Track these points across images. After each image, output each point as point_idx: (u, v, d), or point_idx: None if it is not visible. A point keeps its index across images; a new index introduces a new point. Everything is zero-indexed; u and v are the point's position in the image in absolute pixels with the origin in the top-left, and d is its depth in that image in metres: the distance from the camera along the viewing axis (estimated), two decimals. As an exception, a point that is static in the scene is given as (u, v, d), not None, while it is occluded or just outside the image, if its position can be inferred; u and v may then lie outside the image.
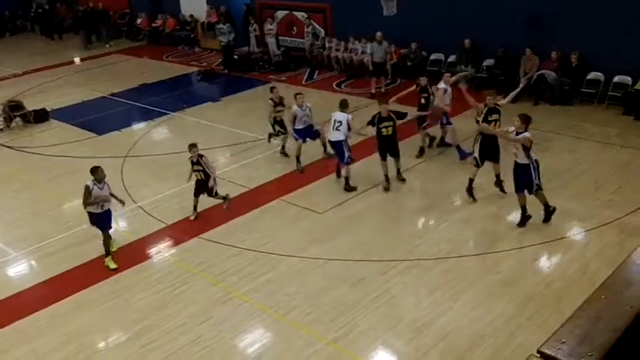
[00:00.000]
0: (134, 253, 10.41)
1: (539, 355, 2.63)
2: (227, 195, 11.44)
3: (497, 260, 9.40)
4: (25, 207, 12.54)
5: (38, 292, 9.67)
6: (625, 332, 2.70)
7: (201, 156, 11.05)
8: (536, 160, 9.90)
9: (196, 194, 11.21)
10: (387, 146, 11.87)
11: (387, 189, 11.86)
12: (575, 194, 11.22)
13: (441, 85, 12.99)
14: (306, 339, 8.02)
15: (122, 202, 10.51)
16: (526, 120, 9.97)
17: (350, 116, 11.92)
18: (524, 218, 10.26)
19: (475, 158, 11.28)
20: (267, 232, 10.79)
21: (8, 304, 9.40)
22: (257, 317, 8.56)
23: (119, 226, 11.53)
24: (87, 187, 9.87)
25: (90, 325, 8.70)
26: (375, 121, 11.70)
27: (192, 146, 11.07)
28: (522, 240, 9.87)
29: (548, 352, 2.61)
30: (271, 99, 13.52)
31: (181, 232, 11.00)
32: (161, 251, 10.53)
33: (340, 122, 11.78)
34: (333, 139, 11.92)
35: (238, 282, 9.37)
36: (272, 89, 13.89)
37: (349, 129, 11.86)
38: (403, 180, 12.18)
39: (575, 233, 10.10)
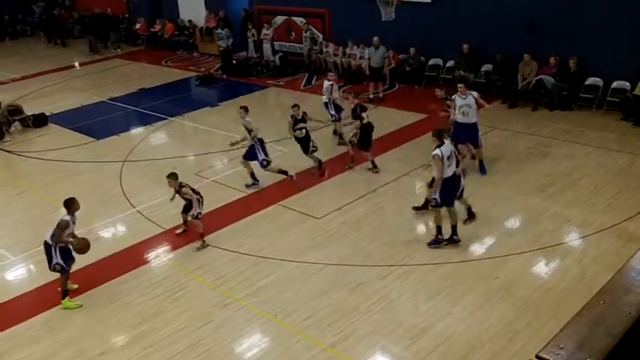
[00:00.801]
0: (132, 258, 10.40)
1: (537, 361, 2.64)
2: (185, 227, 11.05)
3: (496, 265, 9.40)
4: (24, 211, 12.54)
5: (36, 297, 9.65)
6: (623, 338, 2.71)
7: (182, 186, 10.51)
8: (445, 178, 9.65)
9: (184, 211, 10.89)
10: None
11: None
12: (573, 200, 11.23)
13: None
14: (304, 343, 8.02)
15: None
16: (436, 135, 9.76)
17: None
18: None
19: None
20: (265, 236, 10.79)
21: (5, 309, 9.38)
22: (255, 321, 8.55)
23: (118, 230, 11.54)
24: (65, 222, 9.06)
25: (88, 330, 8.68)
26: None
27: (170, 177, 10.53)
28: (521, 245, 9.87)
29: (547, 357, 2.61)
30: (292, 116, 12.81)
31: (179, 236, 10.99)
32: (159, 255, 10.52)
33: None
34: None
35: (236, 286, 9.36)
36: (293, 106, 12.93)
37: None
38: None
39: (574, 239, 10.10)
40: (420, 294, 8.88)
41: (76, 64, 25.95)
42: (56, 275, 9.30)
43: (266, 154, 12.40)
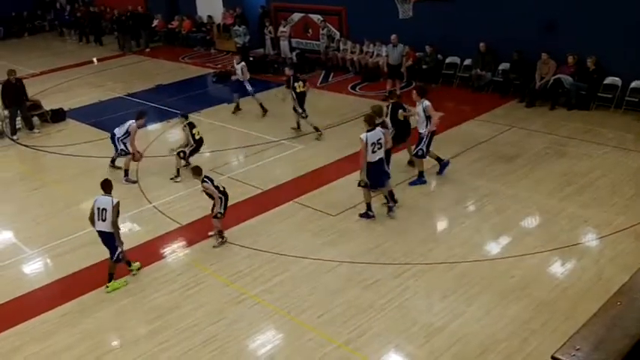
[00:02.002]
0: (148, 253, 10.47)
1: (553, 361, 2.62)
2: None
3: (512, 265, 9.35)
4: (42, 206, 12.65)
5: (52, 290, 9.76)
6: (641, 339, 2.69)
7: (203, 181, 10.39)
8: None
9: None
10: None
11: None
12: (590, 200, 11.14)
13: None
14: (318, 341, 8.02)
15: None
16: (367, 120, 10.66)
17: None
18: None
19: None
20: (280, 233, 10.80)
21: (22, 302, 9.49)
22: (270, 318, 8.57)
23: (134, 225, 11.61)
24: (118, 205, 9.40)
25: (103, 324, 8.76)
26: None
27: (191, 171, 10.73)
28: (537, 245, 9.80)
29: (563, 358, 2.60)
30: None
31: (195, 232, 11.04)
32: (175, 251, 10.57)
33: None
34: None
35: (251, 283, 9.39)
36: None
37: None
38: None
39: (591, 239, 10.02)
40: (434, 293, 8.85)
41: (94, 59, 26.13)
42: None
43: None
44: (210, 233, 10.73)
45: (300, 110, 14.94)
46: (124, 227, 11.40)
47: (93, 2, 32.49)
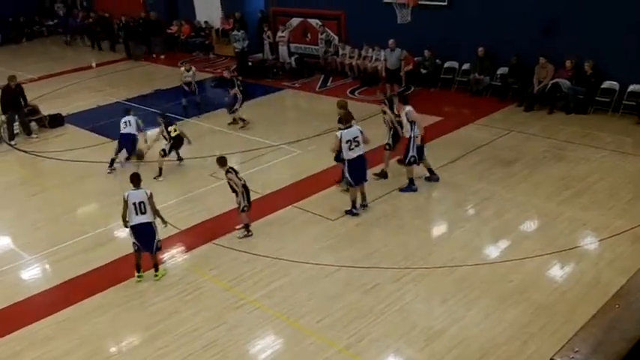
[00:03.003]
0: (147, 258, 10.43)
1: (552, 364, 2.63)
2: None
3: (511, 269, 9.36)
4: (40, 211, 12.65)
5: (50, 296, 9.74)
6: (639, 342, 2.69)
7: (227, 172, 10.66)
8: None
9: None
10: None
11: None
12: (589, 203, 11.16)
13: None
14: (318, 345, 8.02)
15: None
16: (343, 117, 11.33)
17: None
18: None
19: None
20: (279, 238, 10.81)
21: (21, 308, 9.47)
22: (269, 323, 8.57)
23: (133, 230, 11.58)
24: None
25: (102, 330, 8.75)
26: None
27: (217, 161, 10.89)
28: (535, 249, 9.82)
29: (562, 360, 2.61)
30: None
31: (194, 237, 11.04)
32: (174, 256, 10.56)
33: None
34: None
35: (251, 288, 9.39)
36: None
37: None
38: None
39: (589, 242, 10.04)
40: (434, 297, 8.86)
41: (93, 64, 26.15)
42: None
43: None
44: (237, 227, 10.95)
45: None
46: (123, 232, 11.40)
47: (92, 8, 32.51)
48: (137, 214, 9.51)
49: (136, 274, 9.82)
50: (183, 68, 18.70)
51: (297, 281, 9.49)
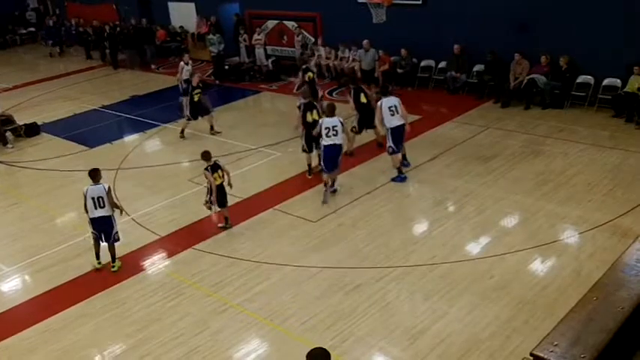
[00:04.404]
0: (128, 266, 10.36)
1: (532, 358, 2.64)
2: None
3: (492, 264, 9.41)
4: (17, 222, 12.49)
5: (31, 308, 9.61)
6: (617, 333, 2.71)
7: (205, 169, 11.05)
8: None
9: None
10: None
11: None
12: (567, 197, 11.26)
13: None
14: (302, 347, 7.96)
15: None
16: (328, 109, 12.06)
17: None
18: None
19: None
20: (261, 241, 10.77)
21: (1, 320, 9.33)
22: (253, 327, 8.53)
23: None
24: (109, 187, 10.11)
25: (84, 340, 8.64)
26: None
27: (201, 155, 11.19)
28: (515, 244, 9.89)
29: (542, 354, 2.62)
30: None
31: (175, 243, 10.97)
32: (155, 263, 10.49)
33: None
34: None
35: (233, 292, 9.34)
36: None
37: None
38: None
39: (569, 236, 10.12)
40: (416, 295, 8.88)
41: (68, 73, 25.90)
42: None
43: None
44: (218, 225, 11.32)
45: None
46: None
47: (66, 15, 32.21)
48: (96, 207, 9.90)
49: (96, 261, 10.23)
50: (182, 62, 18.22)
51: (280, 284, 9.46)
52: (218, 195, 10.93)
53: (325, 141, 11.63)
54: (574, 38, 15.52)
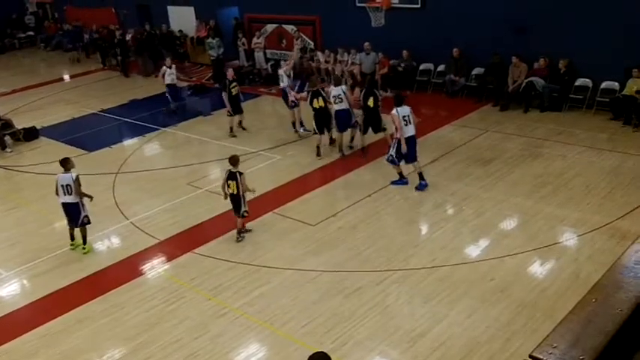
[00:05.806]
0: (127, 270, 10.37)
1: (531, 360, 2.65)
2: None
3: (491, 267, 9.42)
4: (16, 226, 12.49)
5: (30, 312, 9.61)
6: (615, 335, 2.72)
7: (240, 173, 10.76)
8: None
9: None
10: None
11: None
12: (566, 200, 11.28)
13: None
14: (302, 351, 7.98)
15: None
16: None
17: None
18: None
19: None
20: (260, 245, 10.78)
21: (0, 324, 9.33)
22: (252, 331, 8.53)
23: (112, 242, 11.50)
24: (78, 176, 10.81)
25: (84, 344, 8.64)
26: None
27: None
28: (515, 247, 9.89)
29: (540, 356, 2.63)
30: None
31: (174, 247, 10.97)
32: (154, 267, 10.49)
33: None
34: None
35: (232, 296, 9.34)
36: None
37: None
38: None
39: (568, 238, 10.13)
40: (416, 298, 8.88)
41: (67, 76, 25.93)
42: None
43: None
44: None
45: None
46: (102, 245, 11.34)
47: (64, 20, 32.24)
48: (65, 194, 10.77)
49: (70, 242, 11.11)
50: (164, 66, 18.52)
51: (280, 287, 9.46)
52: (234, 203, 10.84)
53: (336, 107, 13.84)
54: (572, 41, 15.55)
